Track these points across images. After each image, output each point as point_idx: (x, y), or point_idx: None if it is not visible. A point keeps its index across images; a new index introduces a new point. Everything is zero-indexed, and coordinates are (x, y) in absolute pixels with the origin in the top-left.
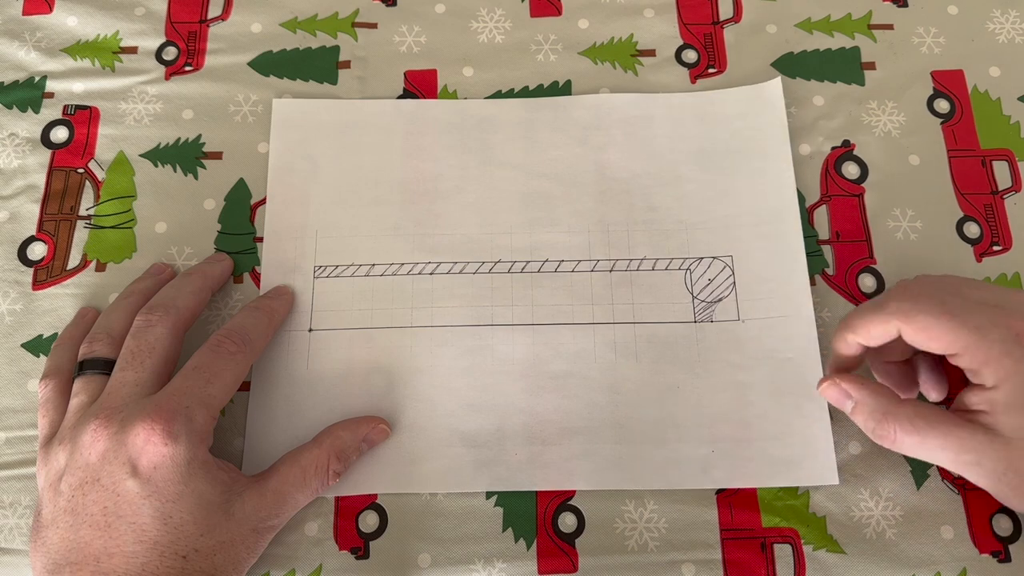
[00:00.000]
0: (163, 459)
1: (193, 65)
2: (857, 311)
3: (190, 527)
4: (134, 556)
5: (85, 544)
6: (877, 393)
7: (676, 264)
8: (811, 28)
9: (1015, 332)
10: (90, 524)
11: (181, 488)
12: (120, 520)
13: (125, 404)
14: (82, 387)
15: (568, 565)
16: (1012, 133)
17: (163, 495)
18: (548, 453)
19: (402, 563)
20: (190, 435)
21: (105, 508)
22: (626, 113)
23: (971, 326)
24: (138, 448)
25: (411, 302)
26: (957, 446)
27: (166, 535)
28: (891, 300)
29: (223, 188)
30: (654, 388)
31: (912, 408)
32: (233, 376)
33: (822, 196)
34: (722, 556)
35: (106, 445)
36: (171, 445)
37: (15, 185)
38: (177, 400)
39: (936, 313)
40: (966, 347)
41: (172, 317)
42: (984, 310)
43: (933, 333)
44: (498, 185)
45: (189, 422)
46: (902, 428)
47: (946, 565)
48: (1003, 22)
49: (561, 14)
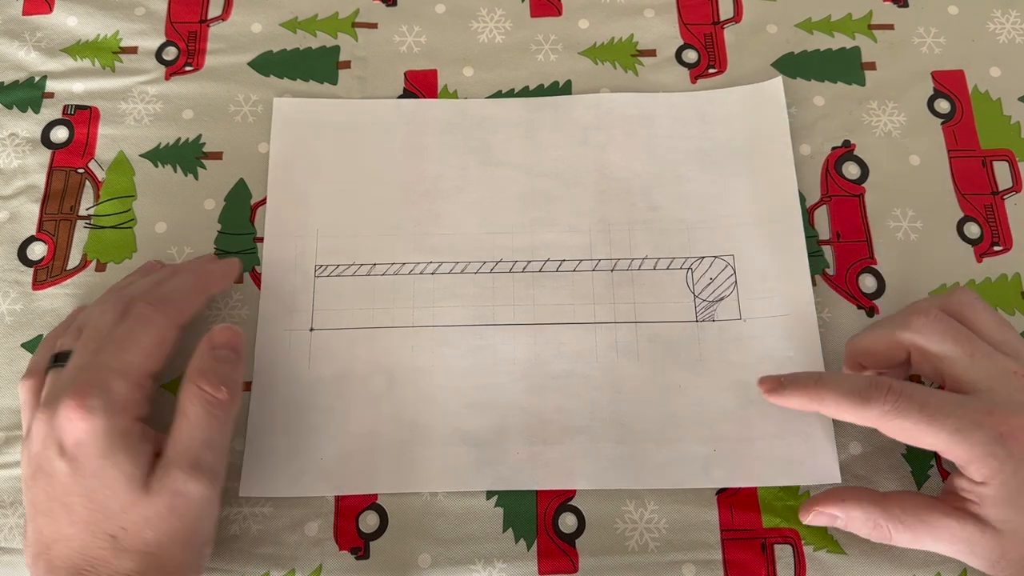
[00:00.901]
0: (83, 434)
1: (193, 65)
2: (832, 387)
3: (112, 503)
4: (70, 539)
5: (40, 533)
6: (861, 503)
7: (677, 263)
8: (811, 28)
9: (997, 432)
10: (40, 512)
11: (101, 462)
12: (57, 503)
13: (63, 387)
14: (50, 381)
15: (568, 565)
16: (1012, 133)
17: (85, 471)
18: (549, 452)
19: (402, 563)
20: (107, 407)
21: (48, 494)
22: (627, 113)
23: (950, 429)
24: (62, 427)
25: (412, 302)
26: (949, 537)
27: (93, 513)
28: (872, 398)
29: (223, 188)
30: (656, 387)
31: (898, 507)
32: (152, 339)
33: (822, 196)
34: (722, 556)
35: (44, 431)
36: (88, 419)
37: (15, 185)
38: (93, 373)
39: (916, 418)
40: (947, 449)
41: (124, 297)
42: (965, 410)
43: (913, 436)
44: (499, 185)
45: (106, 393)
46: (895, 529)
47: (946, 566)
48: (1003, 22)
49: (561, 14)
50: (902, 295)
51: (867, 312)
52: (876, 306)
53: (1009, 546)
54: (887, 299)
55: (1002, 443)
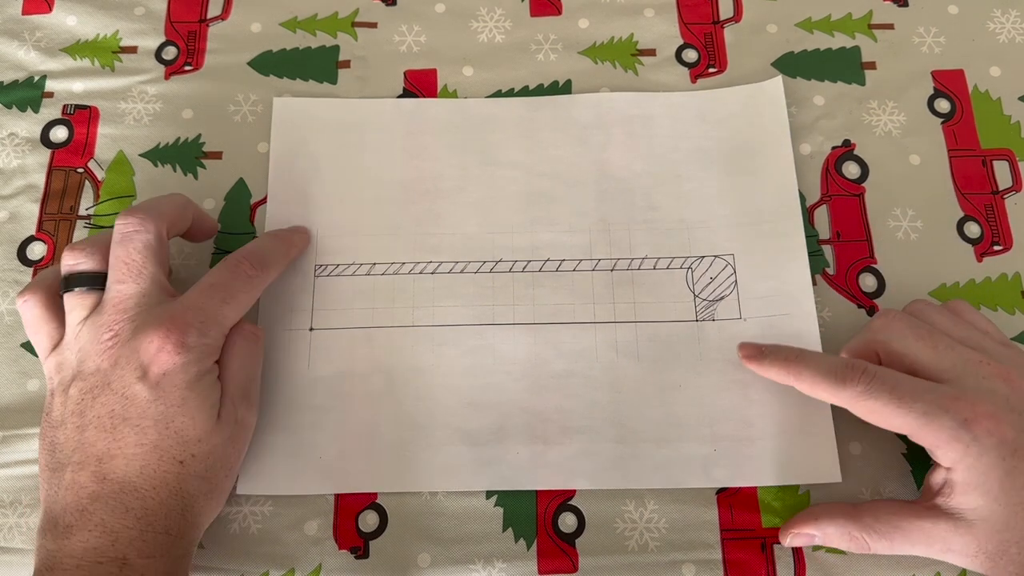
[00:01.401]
0: (174, 367)
1: (193, 65)
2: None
3: (190, 432)
4: (133, 458)
5: (89, 444)
6: (833, 518)
7: (677, 263)
8: (811, 28)
9: (963, 417)
10: (96, 426)
11: (186, 394)
12: (125, 423)
13: (137, 314)
14: (75, 303)
15: (568, 565)
16: (1012, 133)
17: (168, 400)
18: (549, 452)
19: (402, 563)
20: (202, 349)
21: (112, 411)
22: (627, 112)
23: (918, 412)
24: (151, 355)
25: (412, 301)
26: (924, 538)
27: (166, 439)
28: (848, 378)
29: (223, 188)
30: (656, 387)
31: (870, 516)
32: (247, 298)
33: (822, 196)
34: (722, 556)
35: (119, 352)
36: (183, 355)
37: (15, 185)
38: (193, 314)
39: (886, 399)
40: (915, 432)
41: (155, 221)
42: (934, 395)
43: (883, 418)
44: (499, 184)
45: (202, 336)
46: (870, 538)
47: (946, 565)
48: (1003, 22)
49: (561, 14)
50: (902, 295)
51: (867, 312)
52: (876, 306)
53: (983, 537)
54: (887, 299)
55: (967, 428)
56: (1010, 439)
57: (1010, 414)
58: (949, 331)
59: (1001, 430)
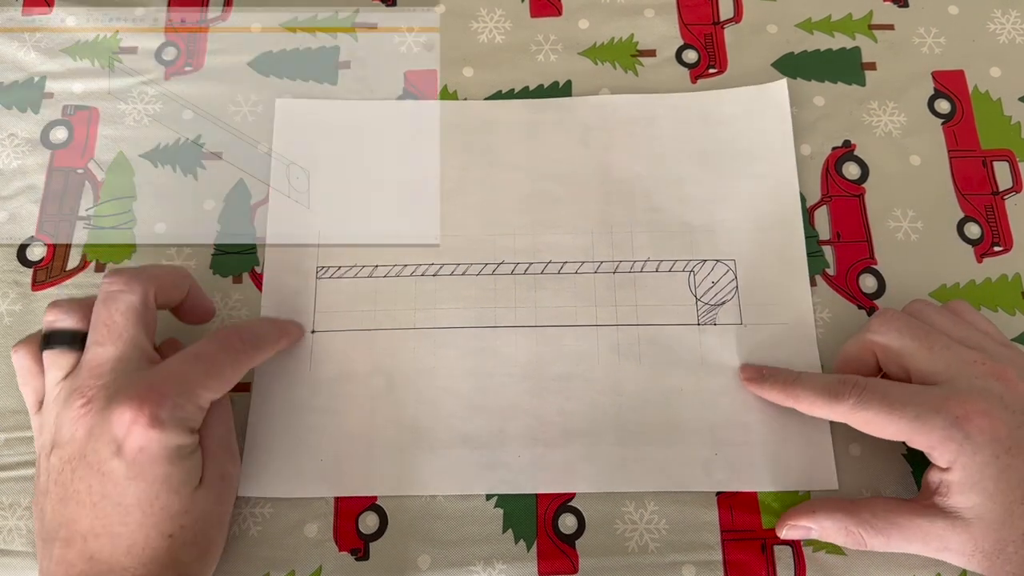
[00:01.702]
0: (149, 442)
1: (193, 65)
2: (807, 385)
3: (175, 507)
4: (119, 537)
5: (73, 521)
6: (831, 512)
7: (680, 266)
8: (812, 28)
9: (955, 415)
10: (77, 501)
11: (168, 470)
12: (105, 500)
13: (112, 380)
14: (52, 362)
15: (568, 566)
16: (1013, 133)
17: (148, 478)
18: (550, 455)
19: (402, 564)
20: (177, 422)
21: (91, 487)
22: (629, 114)
23: (910, 416)
24: (124, 428)
25: (414, 303)
26: (921, 536)
27: (151, 516)
28: (841, 393)
29: (223, 188)
30: (657, 391)
31: (868, 512)
32: (232, 373)
33: (823, 196)
34: (723, 557)
35: (92, 421)
36: (157, 429)
37: (15, 186)
38: (171, 385)
39: (877, 408)
40: (909, 437)
41: (142, 283)
42: (924, 398)
43: (878, 426)
44: (501, 186)
45: (179, 409)
46: (866, 534)
47: (946, 566)
48: (1004, 22)
49: (561, 14)
50: (902, 295)
51: (867, 312)
52: (876, 306)
53: (980, 536)
54: (887, 299)
55: (959, 426)
56: (1003, 436)
57: (1004, 412)
58: (948, 331)
59: (994, 427)
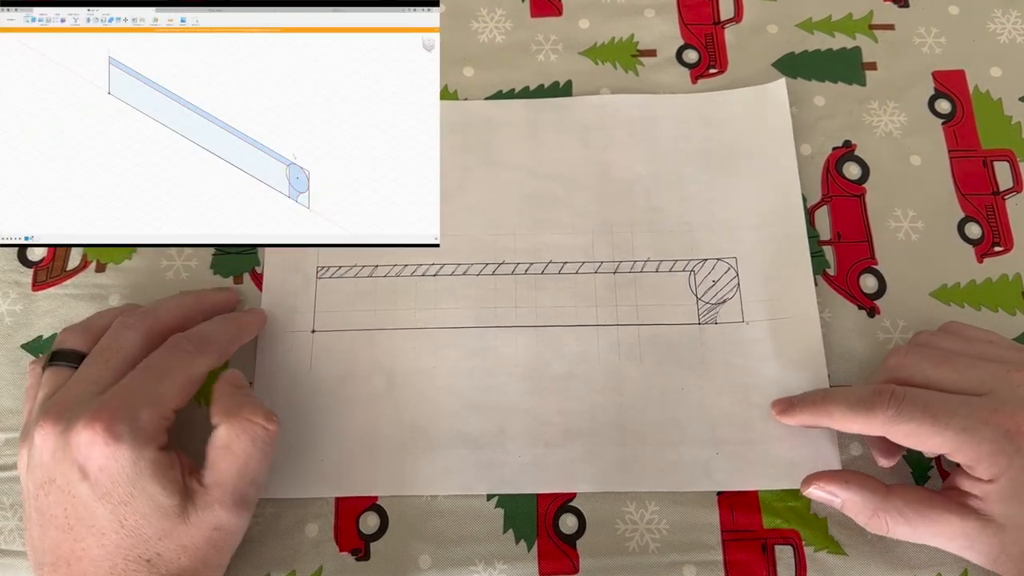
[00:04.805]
0: (107, 460)
1: None
2: (839, 400)
3: (147, 531)
4: (100, 560)
5: (55, 546)
6: (864, 489)
7: (680, 265)
8: (812, 28)
9: (1004, 428)
10: (55, 526)
11: (131, 490)
12: (80, 523)
13: (78, 402)
14: (48, 379)
15: (569, 566)
16: (1013, 133)
17: (113, 497)
18: (551, 455)
19: (402, 564)
20: (134, 434)
21: (65, 510)
22: (629, 114)
23: (956, 428)
24: (83, 449)
25: (414, 303)
26: (948, 532)
27: (126, 539)
28: (876, 405)
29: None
30: (657, 390)
31: (901, 499)
32: (186, 376)
33: (823, 196)
34: (723, 557)
35: (55, 444)
36: (113, 445)
37: None
38: (122, 398)
39: (919, 419)
40: (955, 449)
41: (149, 322)
42: (970, 409)
43: (919, 439)
44: (501, 186)
45: (134, 421)
46: (892, 520)
47: (947, 566)
48: (1004, 22)
49: (561, 14)
50: (903, 295)
51: (868, 312)
52: (877, 306)
53: (1010, 541)
54: (888, 299)
55: (1010, 439)
56: None
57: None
58: (963, 350)
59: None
